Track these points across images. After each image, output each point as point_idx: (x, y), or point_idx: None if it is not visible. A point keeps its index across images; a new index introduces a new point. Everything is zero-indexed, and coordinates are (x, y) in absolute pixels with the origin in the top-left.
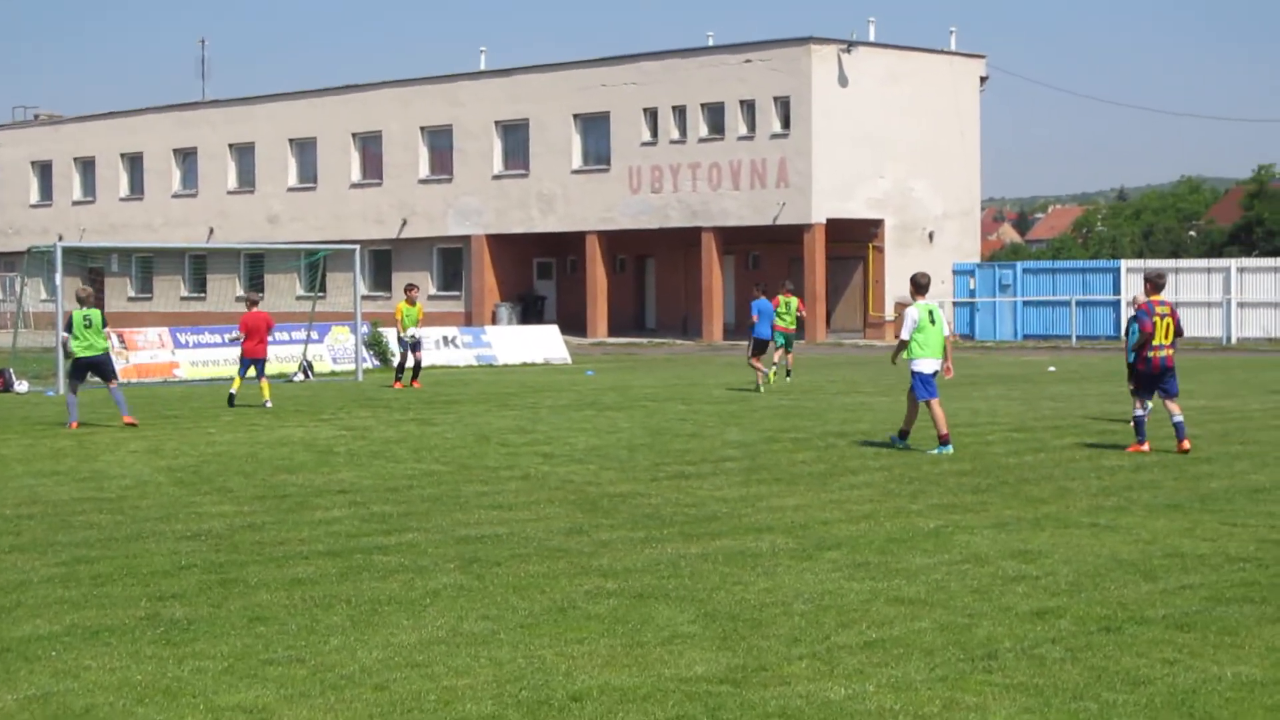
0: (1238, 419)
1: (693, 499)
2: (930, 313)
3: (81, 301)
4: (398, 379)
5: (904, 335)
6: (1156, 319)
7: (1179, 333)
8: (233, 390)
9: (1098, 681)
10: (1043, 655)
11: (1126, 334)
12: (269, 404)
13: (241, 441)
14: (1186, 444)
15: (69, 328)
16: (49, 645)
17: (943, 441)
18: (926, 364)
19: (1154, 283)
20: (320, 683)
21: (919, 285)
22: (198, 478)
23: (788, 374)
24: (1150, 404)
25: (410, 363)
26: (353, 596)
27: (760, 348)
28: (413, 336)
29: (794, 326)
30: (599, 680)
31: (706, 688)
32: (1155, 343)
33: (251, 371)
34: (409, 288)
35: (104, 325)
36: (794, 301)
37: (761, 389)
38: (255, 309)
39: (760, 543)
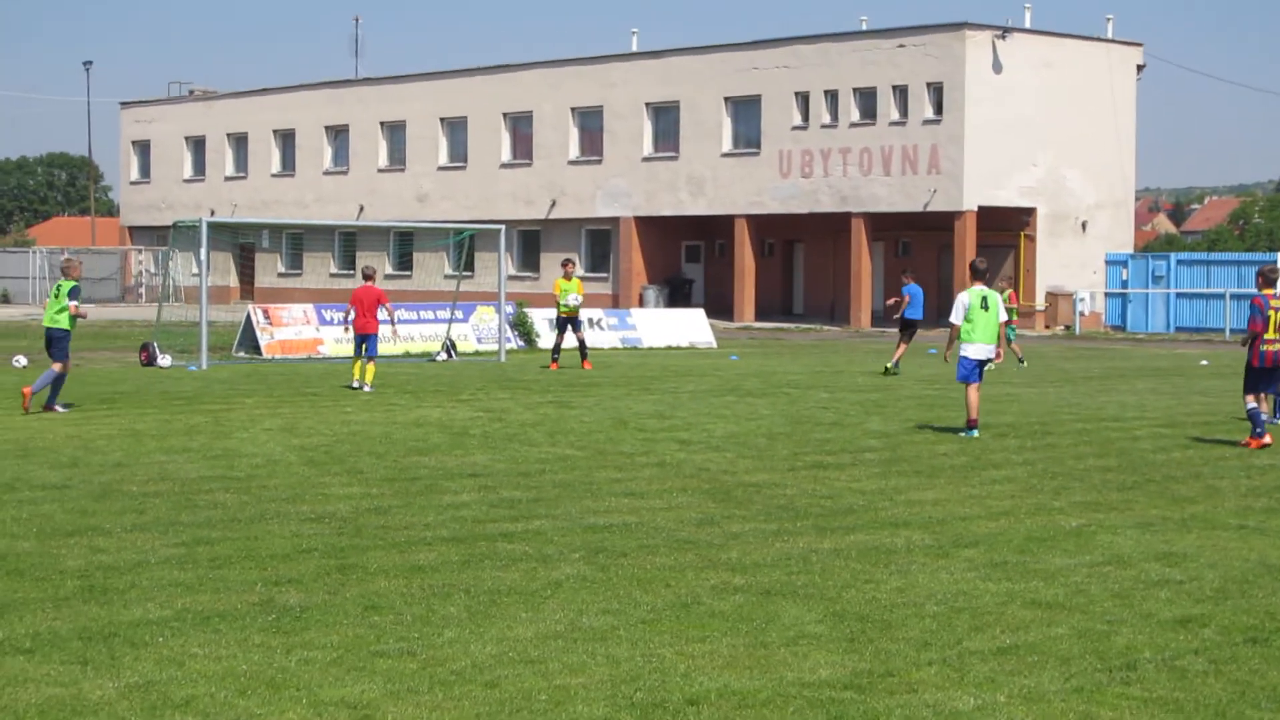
0: None
1: (829, 490)
2: (984, 298)
3: (64, 271)
4: (554, 359)
5: (955, 319)
6: (1272, 312)
7: None
8: (355, 380)
9: (1242, 698)
10: (1184, 667)
11: None
12: (368, 388)
13: (377, 421)
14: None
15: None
16: (158, 630)
17: (970, 426)
18: (976, 349)
19: (1266, 277)
20: (429, 678)
21: (975, 271)
22: (329, 458)
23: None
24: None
25: (571, 342)
26: (472, 586)
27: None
28: (569, 307)
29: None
30: (718, 683)
31: (830, 693)
32: (1267, 337)
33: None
34: (565, 262)
35: (72, 297)
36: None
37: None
38: (368, 283)
39: (895, 538)
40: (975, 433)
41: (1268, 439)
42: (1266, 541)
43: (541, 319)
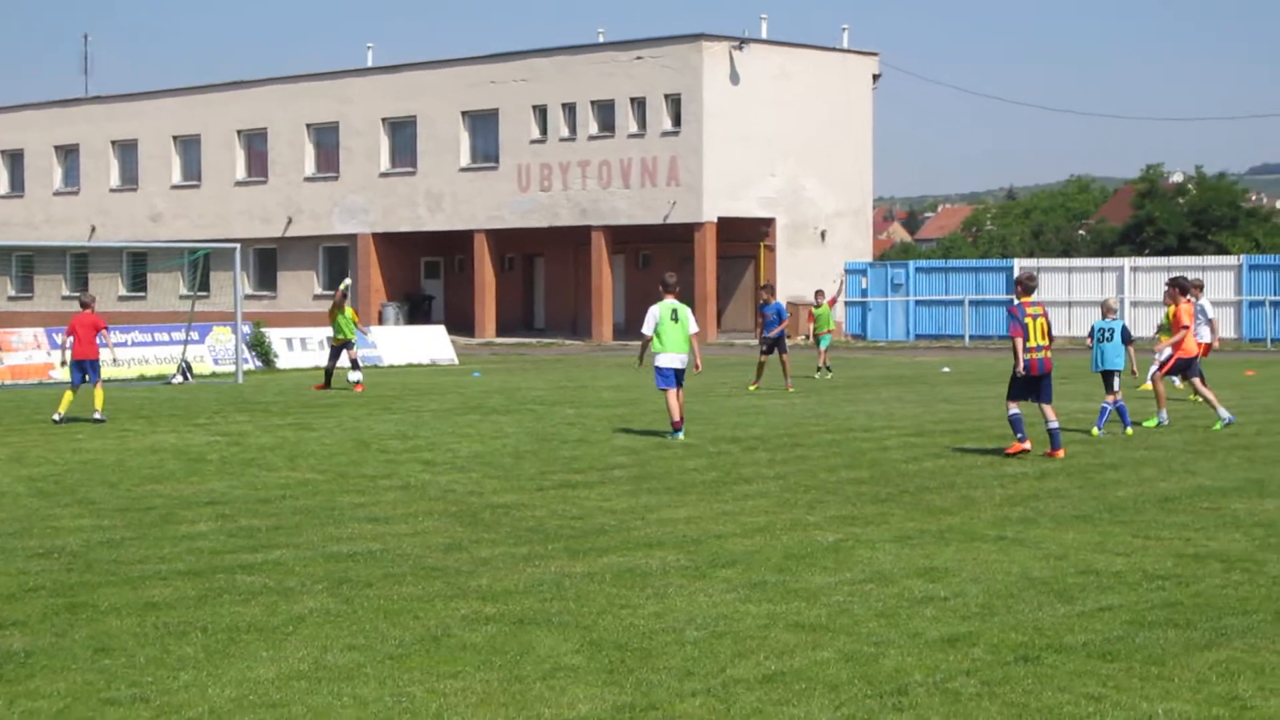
0: (1139, 421)
1: (579, 510)
2: (674, 311)
3: None
4: (324, 384)
5: (646, 330)
6: (1029, 320)
7: (1051, 335)
8: (59, 412)
9: None
10: (957, 690)
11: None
12: (99, 416)
13: (110, 449)
14: (1060, 452)
15: None
16: None
17: (675, 428)
18: (667, 359)
19: (1024, 285)
20: None
21: (666, 285)
22: (59, 488)
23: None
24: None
25: (344, 362)
26: (210, 623)
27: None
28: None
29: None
30: None
31: None
32: (1031, 344)
33: (87, 378)
34: (338, 291)
35: None
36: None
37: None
38: (86, 310)
39: (650, 560)
40: (680, 435)
41: (1027, 444)
42: (1026, 553)
43: (280, 339)
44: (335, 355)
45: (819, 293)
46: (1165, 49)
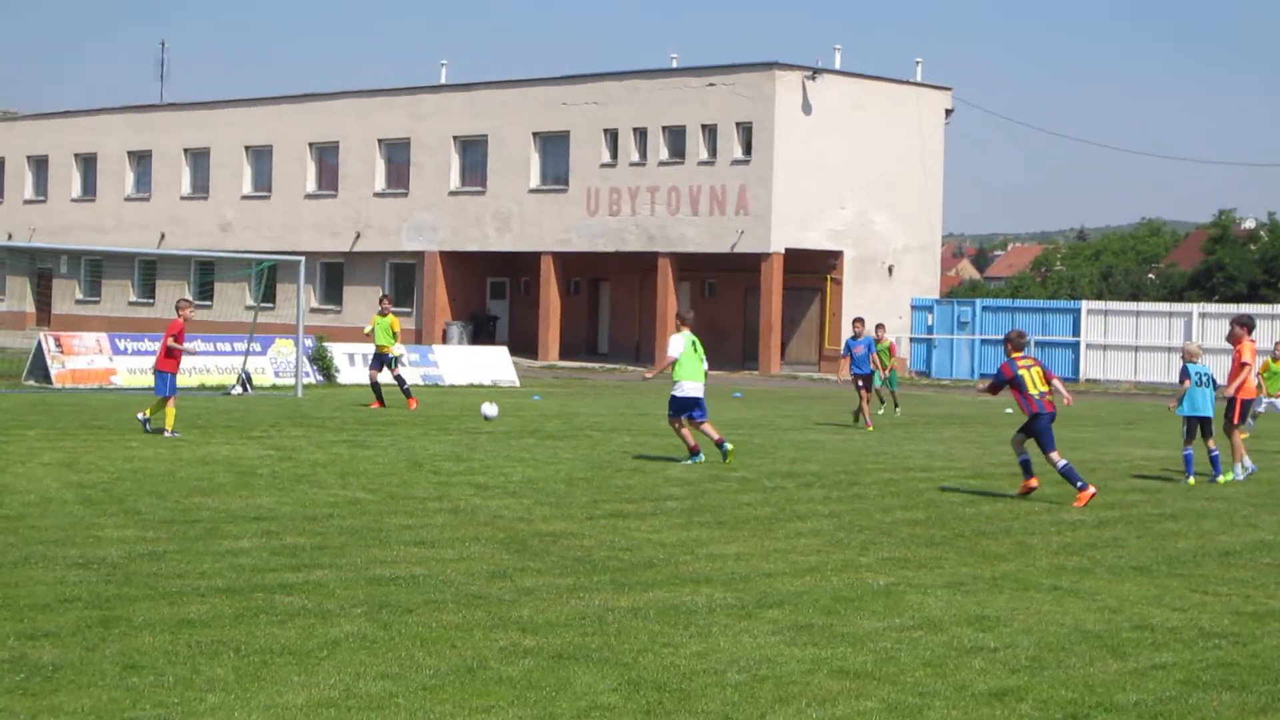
0: (1202, 473)
1: (628, 542)
2: (694, 343)
3: None
4: (377, 399)
5: (673, 354)
6: (1024, 371)
7: (1048, 379)
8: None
9: None
10: None
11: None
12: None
13: (162, 458)
14: (1084, 496)
15: None
16: None
17: (693, 452)
18: (690, 386)
19: (1014, 342)
20: None
21: (683, 318)
22: (107, 496)
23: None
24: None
25: (388, 379)
26: (244, 644)
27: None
28: (386, 352)
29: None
30: None
31: None
32: (1033, 391)
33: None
34: (381, 298)
35: None
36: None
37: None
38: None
39: (696, 596)
40: (701, 458)
41: (1034, 482)
42: (1081, 604)
43: (342, 354)
44: (379, 365)
45: (879, 326)
46: (1241, 93)
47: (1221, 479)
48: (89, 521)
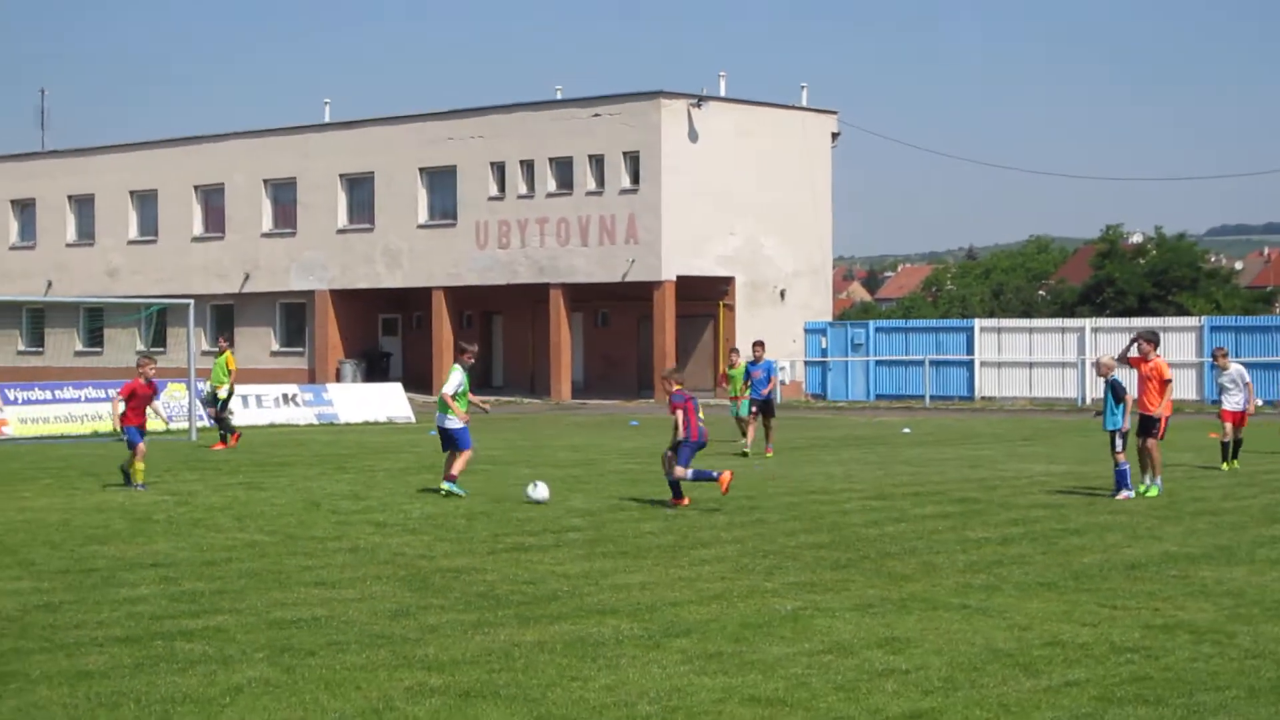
0: (1102, 484)
1: (531, 575)
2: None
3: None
4: (222, 439)
5: (448, 390)
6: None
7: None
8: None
9: None
10: None
11: None
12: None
13: (57, 507)
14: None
15: None
16: None
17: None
18: (454, 420)
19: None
20: None
21: (461, 349)
22: (0, 548)
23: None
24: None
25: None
26: (144, 694)
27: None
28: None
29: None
30: None
31: None
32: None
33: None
34: (218, 337)
35: None
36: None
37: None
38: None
39: (603, 628)
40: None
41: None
42: (990, 623)
43: (235, 397)
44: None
45: (734, 351)
46: (1124, 110)
47: (1143, 490)
48: None
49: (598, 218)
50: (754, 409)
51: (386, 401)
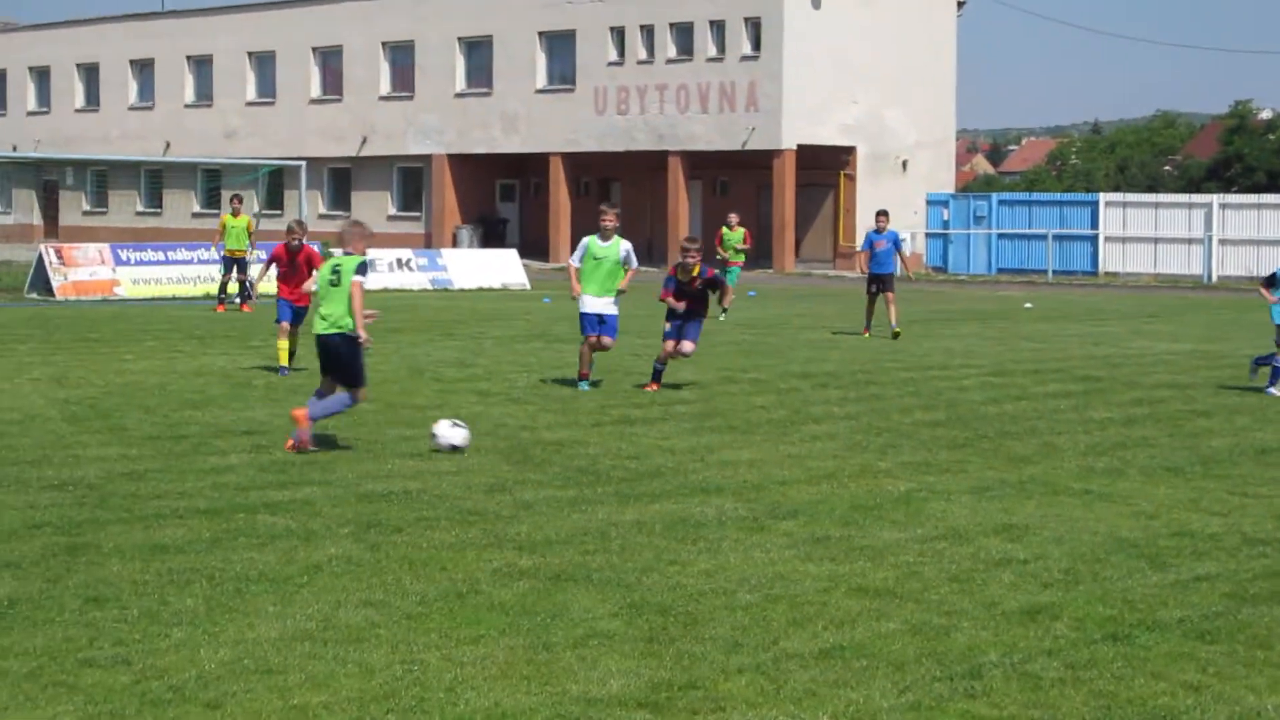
0: (1231, 366)
1: (636, 449)
2: (588, 247)
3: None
4: (220, 301)
5: (575, 261)
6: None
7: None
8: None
9: (1108, 715)
10: (1037, 674)
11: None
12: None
13: (155, 370)
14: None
15: None
16: None
17: (582, 378)
18: (586, 302)
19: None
20: (139, 696)
21: (600, 211)
22: (94, 412)
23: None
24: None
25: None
26: (218, 571)
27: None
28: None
29: (741, 260)
30: (487, 700)
31: (619, 714)
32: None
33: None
34: (232, 198)
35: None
36: (740, 233)
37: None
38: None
39: (706, 508)
40: (586, 385)
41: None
42: (1113, 510)
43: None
44: (230, 269)
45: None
46: None
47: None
48: (70, 440)
49: (718, 84)
50: (872, 286)
51: (502, 268)
